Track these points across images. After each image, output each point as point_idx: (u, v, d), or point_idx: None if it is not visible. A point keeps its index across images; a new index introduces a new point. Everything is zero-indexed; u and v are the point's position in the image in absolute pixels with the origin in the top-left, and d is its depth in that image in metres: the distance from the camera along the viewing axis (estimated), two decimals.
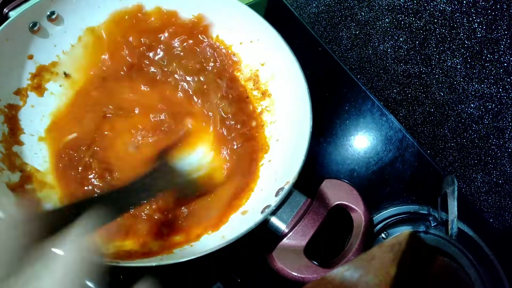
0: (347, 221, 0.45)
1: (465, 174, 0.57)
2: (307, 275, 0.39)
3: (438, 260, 0.49)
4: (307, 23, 0.66)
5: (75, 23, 0.51)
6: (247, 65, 0.54)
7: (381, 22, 0.58)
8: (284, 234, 0.41)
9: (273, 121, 0.51)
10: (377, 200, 0.53)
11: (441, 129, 0.58)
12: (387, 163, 0.56)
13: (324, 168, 0.55)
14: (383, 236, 0.50)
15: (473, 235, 0.51)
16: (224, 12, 0.53)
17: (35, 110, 0.48)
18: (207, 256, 0.37)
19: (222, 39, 0.55)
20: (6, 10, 0.49)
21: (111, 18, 0.52)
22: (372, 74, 0.64)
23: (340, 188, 0.45)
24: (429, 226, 0.51)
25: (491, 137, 0.51)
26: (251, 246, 0.41)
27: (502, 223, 0.55)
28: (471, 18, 0.47)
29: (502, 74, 0.46)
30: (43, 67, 0.49)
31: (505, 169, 0.51)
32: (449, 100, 0.54)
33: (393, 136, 0.58)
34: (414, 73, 0.57)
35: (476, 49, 0.48)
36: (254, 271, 0.46)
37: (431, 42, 0.53)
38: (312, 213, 0.42)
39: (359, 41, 0.64)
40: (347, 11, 0.63)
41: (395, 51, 0.58)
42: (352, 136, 0.58)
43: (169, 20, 0.53)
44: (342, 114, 0.59)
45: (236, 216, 0.45)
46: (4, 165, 0.43)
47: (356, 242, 0.42)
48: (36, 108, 0.48)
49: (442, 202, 0.51)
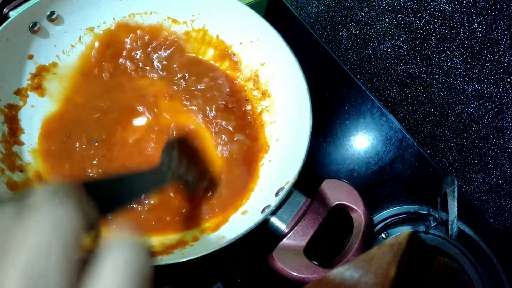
0: (347, 221, 0.45)
1: (465, 174, 0.57)
2: (307, 275, 0.39)
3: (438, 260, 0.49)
4: (307, 23, 0.66)
5: (75, 23, 0.51)
6: (247, 65, 0.54)
7: (381, 22, 0.58)
8: (284, 234, 0.41)
9: (273, 121, 0.51)
10: (377, 200, 0.53)
11: (441, 129, 0.58)
12: (387, 163, 0.56)
13: (324, 168, 0.55)
14: (383, 236, 0.50)
15: (473, 235, 0.51)
16: (224, 12, 0.53)
17: (35, 110, 0.48)
18: (207, 256, 0.37)
19: (222, 39, 0.55)
20: (6, 10, 0.49)
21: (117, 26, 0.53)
22: (372, 74, 0.64)
23: (340, 188, 0.45)
24: (429, 226, 0.51)
25: (491, 137, 0.51)
26: (251, 246, 0.41)
27: (502, 223, 0.55)
28: (471, 18, 0.47)
29: (502, 74, 0.46)
30: (43, 67, 0.49)
31: (505, 169, 0.51)
32: (449, 100, 0.54)
33: (393, 136, 0.58)
34: (414, 73, 0.57)
35: (476, 49, 0.48)
36: (254, 271, 0.46)
37: (431, 42, 0.53)
38: (312, 213, 0.42)
39: (359, 41, 0.64)
40: (347, 11, 0.63)
41: (395, 51, 0.58)
42: (352, 136, 0.58)
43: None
44: (342, 114, 0.59)
45: (236, 216, 0.45)
46: (4, 165, 0.43)
47: (356, 242, 0.42)
48: (36, 108, 0.49)
49: (442, 202, 0.51)
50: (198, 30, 0.55)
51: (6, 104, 0.46)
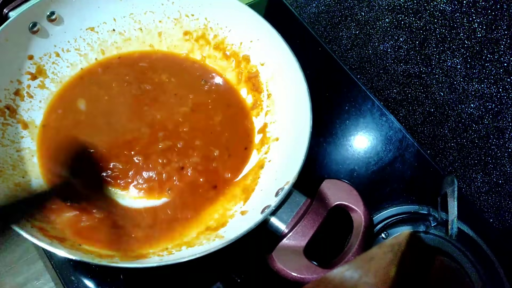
0: (347, 221, 0.45)
1: (465, 174, 0.57)
2: (307, 275, 0.39)
3: (438, 260, 0.49)
4: (307, 23, 0.66)
5: (75, 23, 0.51)
6: (247, 65, 0.54)
7: (381, 22, 0.58)
8: (284, 234, 0.41)
9: (273, 121, 0.51)
10: (377, 200, 0.53)
11: (441, 129, 0.58)
12: (387, 163, 0.56)
13: (324, 168, 0.55)
14: (383, 236, 0.50)
15: (473, 235, 0.51)
16: (224, 12, 0.53)
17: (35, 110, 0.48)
18: (207, 256, 0.37)
19: (222, 39, 0.55)
20: (6, 10, 0.49)
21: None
22: (372, 74, 0.64)
23: (340, 188, 0.45)
24: (429, 226, 0.51)
25: (491, 137, 0.51)
26: (251, 246, 0.41)
27: (502, 223, 0.55)
28: (471, 18, 0.47)
29: (502, 74, 0.46)
30: (43, 67, 0.49)
31: (505, 169, 0.51)
32: (449, 100, 0.54)
33: (393, 136, 0.58)
34: (414, 73, 0.57)
35: (476, 49, 0.48)
36: (254, 271, 0.46)
37: (431, 42, 0.53)
38: (312, 213, 0.42)
39: (359, 41, 0.64)
40: (347, 11, 0.63)
41: (395, 51, 0.58)
42: (352, 136, 0.58)
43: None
44: (342, 114, 0.59)
45: (236, 216, 0.45)
46: (4, 166, 0.43)
47: (356, 242, 0.42)
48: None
49: (442, 202, 0.51)
50: (198, 30, 0.55)
51: (6, 104, 0.46)
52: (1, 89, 0.46)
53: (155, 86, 0.53)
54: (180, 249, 0.42)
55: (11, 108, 0.46)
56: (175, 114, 0.51)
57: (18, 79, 0.48)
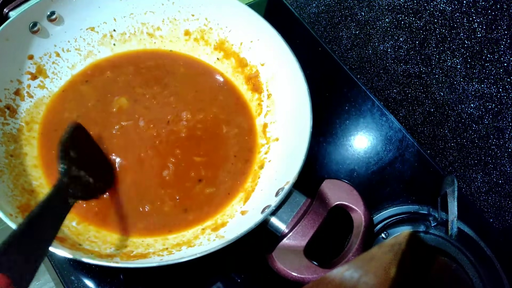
0: (347, 221, 0.45)
1: (465, 174, 0.57)
2: (307, 275, 0.39)
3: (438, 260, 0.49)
4: (307, 23, 0.66)
5: (75, 23, 0.51)
6: (247, 65, 0.54)
7: (381, 22, 0.58)
8: (284, 234, 0.41)
9: (273, 121, 0.51)
10: (377, 200, 0.53)
11: (441, 129, 0.58)
12: (387, 163, 0.56)
13: (324, 168, 0.55)
14: (383, 236, 0.50)
15: (473, 235, 0.51)
16: (224, 12, 0.53)
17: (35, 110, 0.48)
18: (207, 256, 0.37)
19: (222, 39, 0.55)
20: (6, 10, 0.49)
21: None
22: (372, 74, 0.64)
23: (340, 188, 0.45)
24: (429, 226, 0.51)
25: (491, 137, 0.51)
26: (251, 246, 0.41)
27: (502, 223, 0.55)
28: (471, 18, 0.47)
29: (502, 74, 0.46)
30: (43, 67, 0.49)
31: (505, 169, 0.51)
32: (449, 100, 0.54)
33: (393, 136, 0.58)
34: (414, 73, 0.57)
35: (476, 49, 0.48)
36: (254, 271, 0.46)
37: (431, 42, 0.53)
38: (312, 213, 0.42)
39: (359, 41, 0.64)
40: (347, 11, 0.63)
41: (395, 51, 0.58)
42: (352, 136, 0.58)
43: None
44: (342, 114, 0.59)
45: (236, 216, 0.45)
46: (4, 167, 0.43)
47: (356, 242, 0.42)
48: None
49: (442, 202, 0.51)
50: (198, 30, 0.55)
51: (6, 104, 0.46)
52: (1, 88, 0.46)
53: (155, 86, 0.53)
54: (180, 249, 0.42)
55: (11, 108, 0.46)
56: (175, 114, 0.51)
57: (18, 79, 0.48)
